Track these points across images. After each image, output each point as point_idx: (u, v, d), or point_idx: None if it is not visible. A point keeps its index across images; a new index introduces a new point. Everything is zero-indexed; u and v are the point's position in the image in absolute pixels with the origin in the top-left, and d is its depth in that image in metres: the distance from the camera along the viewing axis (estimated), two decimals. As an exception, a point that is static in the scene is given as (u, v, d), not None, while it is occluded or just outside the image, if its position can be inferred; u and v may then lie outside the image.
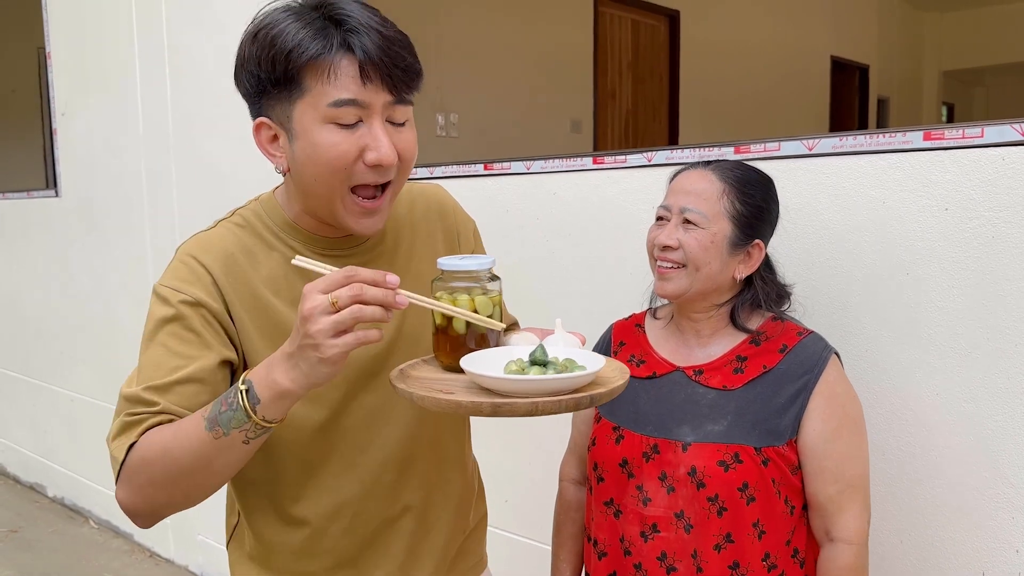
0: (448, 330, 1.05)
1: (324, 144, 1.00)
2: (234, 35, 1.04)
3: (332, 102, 0.98)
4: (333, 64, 0.97)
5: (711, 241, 1.30)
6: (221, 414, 0.94)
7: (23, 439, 4.50)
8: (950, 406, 1.46)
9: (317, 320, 0.86)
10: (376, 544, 1.21)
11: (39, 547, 3.72)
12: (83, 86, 3.60)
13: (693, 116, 2.82)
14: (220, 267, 1.08)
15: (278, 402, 0.93)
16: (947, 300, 1.44)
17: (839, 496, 1.27)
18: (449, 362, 1.06)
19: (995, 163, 1.37)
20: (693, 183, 1.34)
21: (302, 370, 0.90)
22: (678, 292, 1.32)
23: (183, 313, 1.05)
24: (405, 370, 1.07)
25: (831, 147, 1.55)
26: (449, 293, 1.04)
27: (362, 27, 0.98)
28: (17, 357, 4.42)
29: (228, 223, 1.15)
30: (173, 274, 1.09)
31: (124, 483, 1.01)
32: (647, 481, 1.31)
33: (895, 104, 2.66)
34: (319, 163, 1.01)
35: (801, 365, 1.30)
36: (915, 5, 2.69)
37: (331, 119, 0.99)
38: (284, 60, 0.97)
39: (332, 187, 1.02)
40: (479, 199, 2.17)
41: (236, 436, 0.94)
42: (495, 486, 1.60)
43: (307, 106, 0.99)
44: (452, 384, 1.01)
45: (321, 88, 0.98)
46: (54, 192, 3.88)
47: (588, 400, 0.93)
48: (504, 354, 1.03)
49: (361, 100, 0.99)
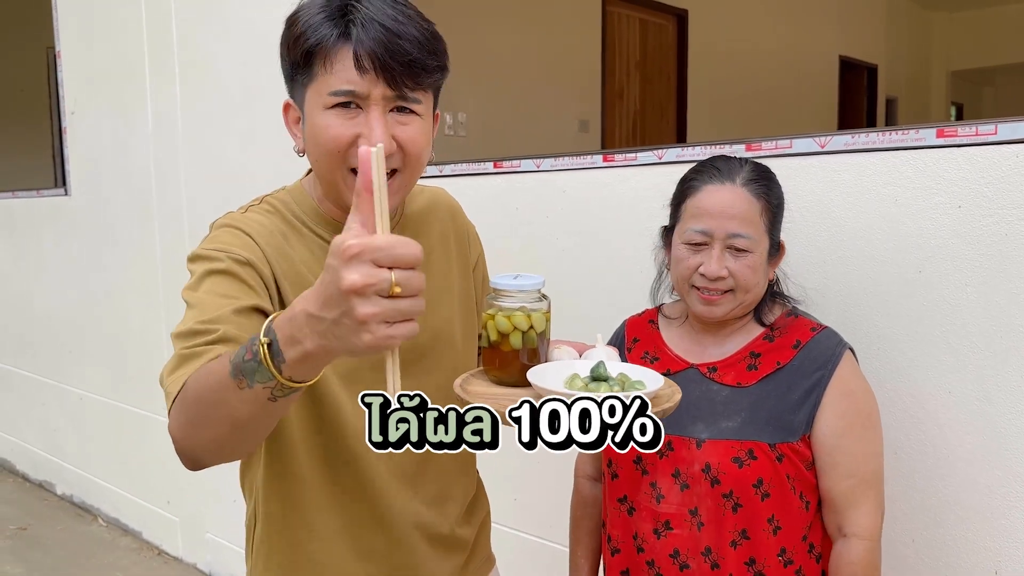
0: (502, 345, 1.10)
1: (320, 127, 1.03)
2: (243, 32, 1.06)
3: (331, 91, 1.02)
4: (332, 53, 1.01)
5: (760, 263, 1.28)
6: (245, 362, 0.81)
7: (32, 437, 4.51)
8: (963, 404, 1.45)
9: (373, 301, 0.70)
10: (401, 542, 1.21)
11: (48, 545, 3.74)
12: (92, 85, 3.61)
13: (701, 116, 2.81)
14: (260, 236, 1.08)
15: (305, 363, 0.78)
16: (960, 297, 1.44)
17: (852, 492, 1.27)
18: (500, 376, 1.12)
19: (1008, 160, 1.37)
20: (731, 204, 1.27)
21: (335, 343, 0.74)
22: (725, 314, 1.31)
23: (233, 268, 1.02)
24: (464, 386, 1.10)
25: (843, 144, 1.55)
26: (503, 312, 1.10)
27: (367, 19, 1.00)
28: (26, 355, 4.44)
29: (258, 208, 1.16)
30: (216, 240, 1.06)
31: (173, 416, 0.91)
32: (661, 478, 1.31)
33: (903, 104, 2.65)
34: (318, 145, 1.05)
35: (815, 361, 1.29)
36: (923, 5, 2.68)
37: (331, 105, 1.02)
38: (296, 45, 1.03)
39: (331, 169, 1.06)
40: (489, 197, 2.18)
41: (260, 392, 0.81)
42: (503, 484, 1.60)
43: (314, 92, 1.04)
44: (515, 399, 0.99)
45: (324, 76, 1.02)
46: (63, 191, 3.89)
47: (660, 414, 0.97)
48: (560, 369, 1.08)
49: (358, 91, 1.01)
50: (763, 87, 2.74)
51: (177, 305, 1.14)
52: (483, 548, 1.40)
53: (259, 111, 2.84)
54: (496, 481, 1.51)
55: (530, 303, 1.10)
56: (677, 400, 1.03)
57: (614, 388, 1.01)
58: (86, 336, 3.91)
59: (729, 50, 2.79)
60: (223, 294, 0.99)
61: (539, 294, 1.12)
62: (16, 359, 4.54)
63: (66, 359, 4.10)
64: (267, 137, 2.83)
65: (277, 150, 2.80)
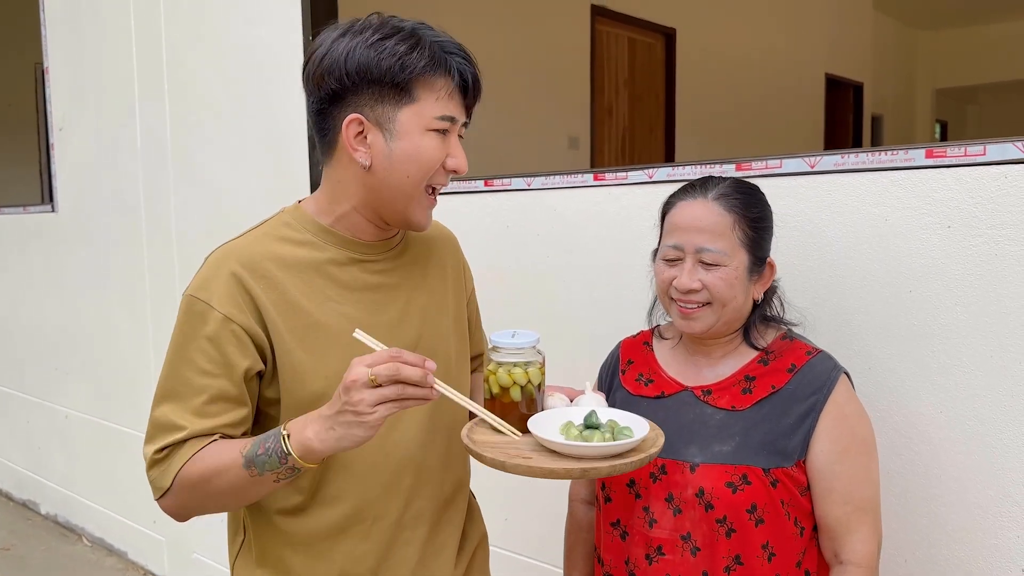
0: (503, 397, 1.21)
1: (427, 148, 1.14)
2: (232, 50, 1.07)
3: (440, 116, 1.14)
4: (444, 83, 1.13)
5: (735, 277, 1.28)
6: (257, 457, 1.06)
7: (16, 456, 4.46)
8: (954, 424, 1.45)
9: (359, 391, 0.98)
10: (392, 553, 1.24)
11: (32, 565, 3.69)
12: (81, 101, 3.60)
13: (689, 133, 2.83)
14: (251, 274, 1.15)
15: (307, 455, 1.04)
16: (950, 317, 1.44)
17: (848, 518, 1.26)
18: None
19: (997, 180, 1.38)
20: (700, 218, 1.28)
21: (336, 433, 1.01)
22: (705, 329, 1.31)
23: (213, 331, 1.12)
24: (470, 435, 1.20)
25: (833, 164, 1.56)
26: (502, 367, 1.21)
27: (466, 58, 1.16)
28: (11, 373, 4.39)
29: (256, 233, 1.21)
30: (204, 284, 1.15)
31: (168, 499, 1.14)
32: (654, 503, 1.30)
33: (889, 121, 2.67)
34: (420, 162, 1.14)
35: (809, 385, 1.29)
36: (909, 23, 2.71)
37: (432, 128, 1.14)
38: (400, 69, 1.11)
39: (418, 184, 1.16)
40: (480, 215, 2.18)
41: (268, 476, 1.07)
42: (495, 505, 1.59)
43: (413, 113, 1.13)
44: (522, 448, 1.17)
45: (431, 101, 1.13)
46: (51, 207, 3.87)
47: (647, 458, 1.12)
48: (555, 416, 1.21)
49: (455, 117, 1.16)
50: (750, 105, 2.75)
51: (164, 323, 1.19)
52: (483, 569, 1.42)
53: (248, 128, 2.83)
54: (487, 501, 1.50)
55: (528, 358, 1.21)
56: (660, 444, 1.17)
57: (605, 435, 1.15)
58: (72, 354, 3.87)
59: (717, 68, 2.81)
60: (203, 371, 1.12)
61: (535, 350, 1.22)
62: (1, 377, 4.49)
63: (52, 376, 4.06)
64: (256, 154, 2.82)
65: (266, 167, 2.80)
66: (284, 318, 1.15)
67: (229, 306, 1.12)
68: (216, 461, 1.09)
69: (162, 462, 1.12)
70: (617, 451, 1.11)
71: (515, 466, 1.09)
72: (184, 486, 1.11)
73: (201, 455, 1.10)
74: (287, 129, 2.68)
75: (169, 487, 1.12)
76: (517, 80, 2.79)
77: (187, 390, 1.12)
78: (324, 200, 1.21)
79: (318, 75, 1.13)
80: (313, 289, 1.18)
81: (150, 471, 1.14)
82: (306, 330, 1.16)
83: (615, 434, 1.15)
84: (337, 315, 1.18)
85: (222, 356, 1.12)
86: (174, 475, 1.11)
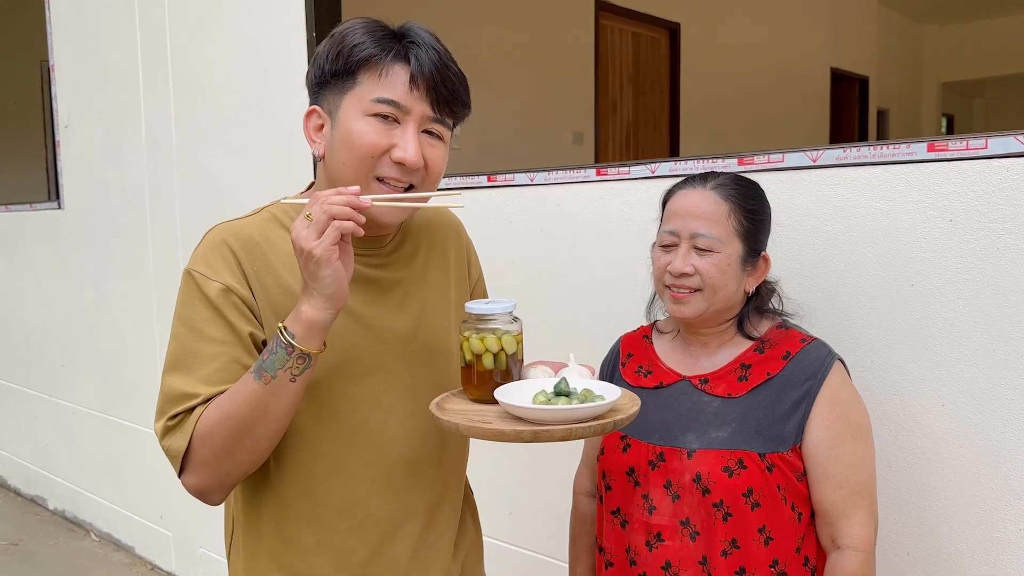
0: (476, 365, 1.16)
1: (358, 132, 1.10)
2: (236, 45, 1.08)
3: (376, 98, 1.09)
4: (387, 66, 1.09)
5: (727, 264, 1.30)
6: (264, 361, 1.04)
7: (24, 451, 4.49)
8: (956, 417, 1.46)
9: (300, 236, 0.99)
10: (383, 550, 1.23)
11: (39, 560, 3.71)
12: (86, 98, 3.61)
13: (694, 128, 2.82)
14: (245, 251, 1.15)
15: (310, 331, 1.03)
16: (952, 311, 1.44)
17: (844, 503, 1.27)
18: (478, 395, 1.18)
19: (999, 174, 1.38)
20: (697, 205, 1.31)
21: (315, 292, 1.01)
22: (695, 314, 1.32)
23: (216, 301, 1.11)
24: (441, 403, 1.17)
25: (835, 158, 1.56)
26: (477, 334, 1.16)
27: (423, 45, 1.11)
28: (18, 369, 4.42)
29: (254, 216, 1.22)
30: (203, 258, 1.15)
31: (190, 469, 1.09)
32: (653, 489, 1.31)
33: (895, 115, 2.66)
34: (351, 148, 1.10)
35: (804, 371, 1.30)
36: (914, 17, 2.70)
37: (371, 113, 1.09)
38: (347, 54, 1.09)
39: (359, 173, 1.11)
40: (482, 210, 2.18)
41: (283, 376, 1.04)
42: (497, 499, 1.60)
43: (354, 98, 1.10)
44: (487, 414, 1.11)
45: (371, 85, 1.09)
46: (56, 204, 3.89)
47: (612, 424, 1.07)
48: (530, 386, 1.15)
49: (403, 104, 1.09)
50: (755, 99, 2.75)
51: (170, 318, 1.18)
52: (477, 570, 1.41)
53: (252, 125, 2.84)
54: (491, 496, 1.51)
55: (502, 326, 1.16)
56: (636, 410, 1.12)
57: (574, 402, 1.09)
58: (79, 350, 3.90)
59: (721, 63, 2.80)
60: (211, 338, 1.11)
61: (511, 317, 1.18)
62: (8, 373, 4.52)
63: (59, 373, 4.08)
64: (261, 150, 2.83)
65: (270, 163, 2.81)
66: (273, 301, 1.14)
67: (229, 278, 1.12)
68: (228, 396, 1.07)
69: (175, 428, 1.09)
70: (577, 416, 1.05)
71: (468, 428, 1.06)
72: (203, 441, 1.07)
73: (213, 403, 1.08)
74: (291, 125, 2.69)
75: (188, 450, 1.08)
76: (521, 76, 2.79)
77: (196, 360, 1.10)
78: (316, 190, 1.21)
79: (308, 73, 1.16)
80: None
81: (164, 440, 1.10)
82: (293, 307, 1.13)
83: (584, 401, 1.10)
84: None
85: (227, 324, 1.11)
86: (190, 433, 1.07)
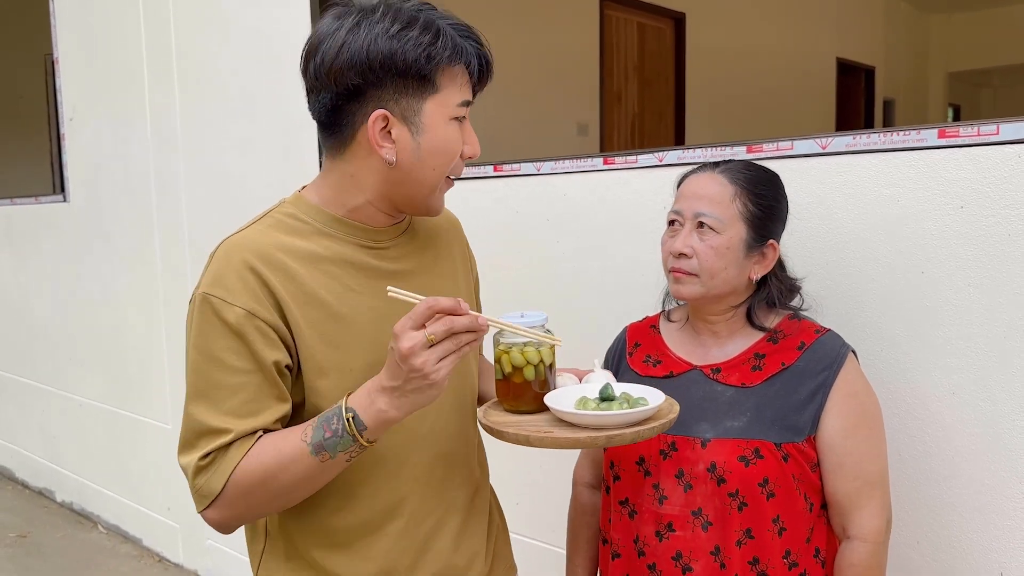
0: (515, 377, 1.21)
1: (452, 139, 1.12)
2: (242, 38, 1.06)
3: (460, 103, 1.11)
4: (462, 70, 1.11)
5: (727, 247, 1.29)
6: (326, 440, 1.03)
7: (32, 444, 4.50)
8: (967, 405, 1.45)
9: (420, 355, 0.96)
10: (429, 546, 1.22)
11: (48, 552, 3.73)
12: (91, 92, 3.61)
13: (699, 119, 2.81)
14: (266, 266, 1.08)
15: (383, 427, 1.03)
16: (963, 298, 1.44)
17: (857, 494, 1.27)
18: (515, 405, 1.22)
19: (1011, 160, 1.37)
20: (704, 186, 1.32)
21: (410, 399, 1.00)
22: (693, 296, 1.32)
23: (237, 327, 1.06)
24: (486, 416, 1.20)
25: (844, 145, 1.55)
26: (517, 347, 1.20)
27: (479, 42, 1.13)
28: (26, 362, 4.43)
29: (260, 225, 1.15)
30: (218, 280, 1.08)
31: (217, 507, 1.07)
32: (664, 479, 1.31)
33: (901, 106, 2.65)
34: (447, 154, 1.12)
35: (819, 362, 1.29)
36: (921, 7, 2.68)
37: (454, 116, 1.11)
38: (427, 60, 1.07)
39: (443, 174, 1.14)
40: (489, 201, 2.18)
41: (341, 457, 1.04)
42: (506, 490, 1.59)
43: (438, 104, 1.10)
44: (539, 424, 1.16)
45: (453, 90, 1.10)
46: (62, 197, 3.89)
47: (669, 423, 1.14)
48: (570, 393, 1.21)
49: (471, 102, 1.14)
50: (761, 90, 2.73)
51: (176, 311, 1.16)
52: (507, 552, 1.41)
53: (259, 117, 2.84)
54: (498, 486, 1.51)
55: (540, 338, 1.20)
56: (677, 411, 1.17)
57: (623, 406, 1.15)
58: (85, 343, 3.90)
59: (727, 53, 2.79)
60: (234, 368, 1.06)
61: (545, 329, 1.22)
62: (15, 366, 4.53)
63: (65, 366, 4.09)
64: (267, 143, 2.83)
65: (276, 156, 2.80)
66: (304, 312, 1.09)
67: (250, 301, 1.06)
68: (276, 456, 1.04)
69: (208, 468, 1.05)
70: (637, 418, 1.12)
71: (540, 439, 1.09)
72: (240, 490, 1.05)
73: (254, 453, 1.05)
74: (297, 116, 2.68)
75: (220, 493, 1.05)
76: (526, 67, 2.78)
77: (220, 392, 1.06)
78: (331, 192, 1.16)
79: (336, 70, 1.06)
80: (331, 280, 1.12)
81: (196, 479, 1.06)
82: (327, 324, 1.11)
83: (632, 404, 1.16)
84: (358, 306, 1.13)
85: (250, 352, 1.06)
86: (226, 479, 1.04)
